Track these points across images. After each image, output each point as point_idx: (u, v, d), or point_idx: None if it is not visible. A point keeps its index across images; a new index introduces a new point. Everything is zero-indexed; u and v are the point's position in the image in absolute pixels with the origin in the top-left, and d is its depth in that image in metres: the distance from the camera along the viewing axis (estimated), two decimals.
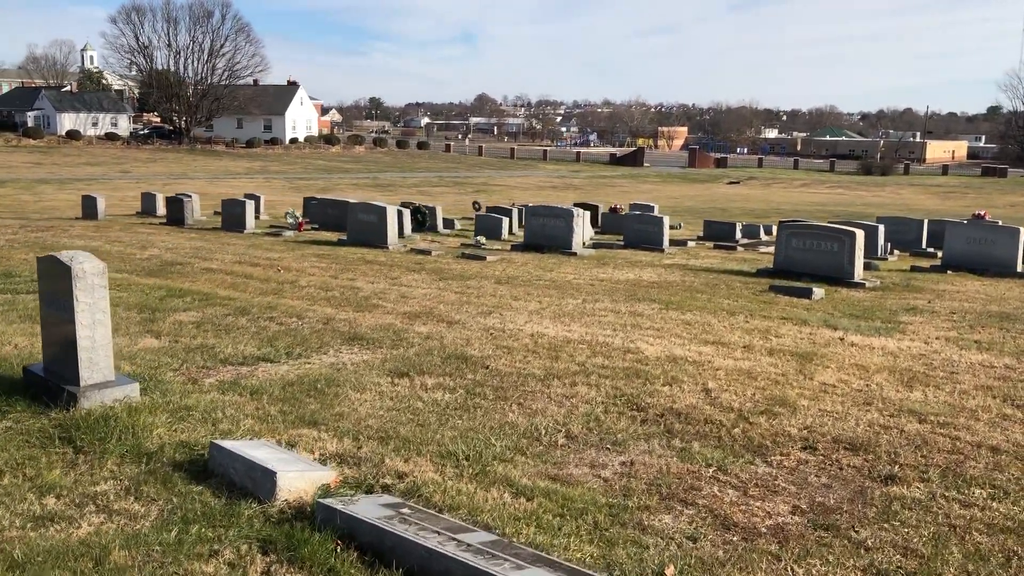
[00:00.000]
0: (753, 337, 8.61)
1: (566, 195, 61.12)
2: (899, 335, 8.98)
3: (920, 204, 55.61)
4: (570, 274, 13.62)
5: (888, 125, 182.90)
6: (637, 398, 6.08)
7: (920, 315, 10.28)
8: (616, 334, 8.57)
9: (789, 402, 6.12)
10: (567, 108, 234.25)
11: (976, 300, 11.78)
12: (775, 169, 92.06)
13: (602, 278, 13.18)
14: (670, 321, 9.45)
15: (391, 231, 17.30)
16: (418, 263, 14.64)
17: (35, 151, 75.89)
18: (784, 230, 14.48)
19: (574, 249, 17.18)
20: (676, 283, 12.82)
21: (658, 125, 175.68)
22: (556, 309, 10.02)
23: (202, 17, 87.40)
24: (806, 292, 11.73)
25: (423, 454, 4.81)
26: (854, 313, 10.25)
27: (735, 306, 10.59)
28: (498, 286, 12.00)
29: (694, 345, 8.13)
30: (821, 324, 9.43)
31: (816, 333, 8.96)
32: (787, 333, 8.90)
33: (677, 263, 16.14)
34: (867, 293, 12.38)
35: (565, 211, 17.48)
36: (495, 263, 14.97)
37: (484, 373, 6.71)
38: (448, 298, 10.75)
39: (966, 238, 15.54)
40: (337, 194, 53.31)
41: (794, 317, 9.82)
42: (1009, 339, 8.88)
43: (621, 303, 10.58)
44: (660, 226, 19.47)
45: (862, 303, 11.18)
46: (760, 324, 9.39)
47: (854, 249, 13.52)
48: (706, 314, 9.94)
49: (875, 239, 18.67)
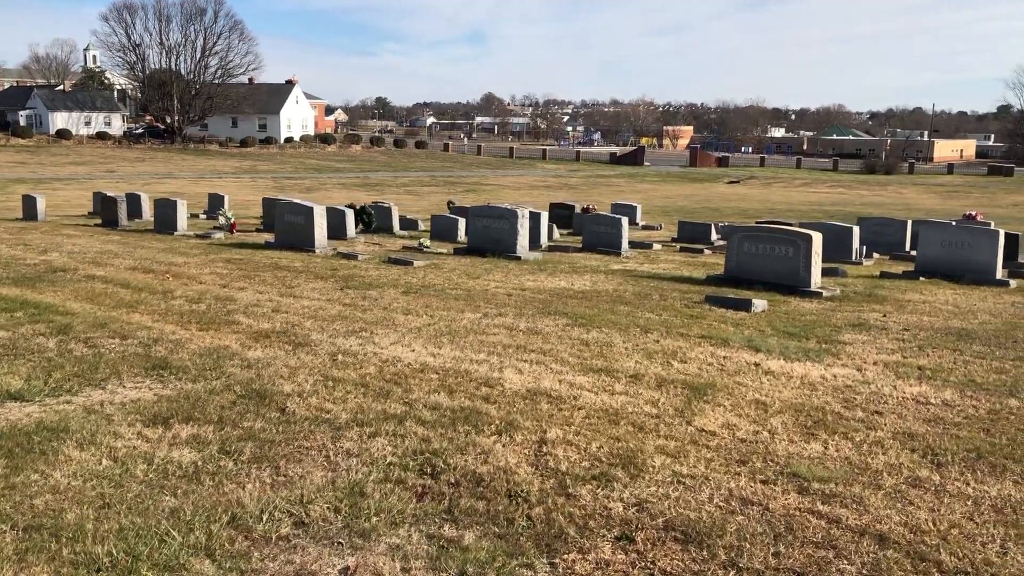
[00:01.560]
0: (652, 363, 7.21)
1: (558, 194, 59.72)
2: (831, 359, 7.56)
3: (921, 203, 54.09)
4: (494, 282, 12.23)
5: (897, 124, 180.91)
6: (440, 456, 4.69)
7: (867, 333, 8.86)
8: (489, 359, 7.18)
9: (639, 461, 4.72)
10: (575, 107, 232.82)
11: (940, 313, 10.35)
12: (777, 168, 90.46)
13: (528, 287, 11.79)
14: (567, 341, 8.05)
15: (319, 233, 15.93)
16: (332, 269, 13.27)
17: (22, 150, 74.90)
18: (735, 233, 13.06)
19: (519, 253, 15.80)
20: (606, 292, 11.42)
21: (663, 124, 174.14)
22: (443, 326, 8.64)
23: (194, 15, 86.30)
24: (744, 304, 10.32)
25: (59, 559, 3.42)
26: (790, 331, 8.83)
27: (655, 321, 9.19)
28: (401, 296, 10.63)
29: (573, 374, 6.73)
30: (743, 345, 8.02)
31: (731, 357, 7.54)
32: (696, 357, 7.50)
33: (627, 268, 14.74)
34: (820, 304, 10.96)
35: (509, 212, 16.09)
36: (419, 269, 13.60)
37: (273, 419, 5.33)
38: (329, 312, 9.38)
39: (941, 242, 14.09)
40: (322, 194, 52.11)
41: (715, 336, 8.41)
42: (960, 364, 7.46)
43: (525, 318, 9.19)
44: (618, 228, 18.09)
45: (806, 317, 9.76)
46: (671, 345, 7.98)
47: (810, 254, 12.11)
48: (615, 332, 8.54)
49: (849, 241, 17.22)
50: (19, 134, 79.60)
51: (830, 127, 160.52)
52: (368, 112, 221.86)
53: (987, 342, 8.47)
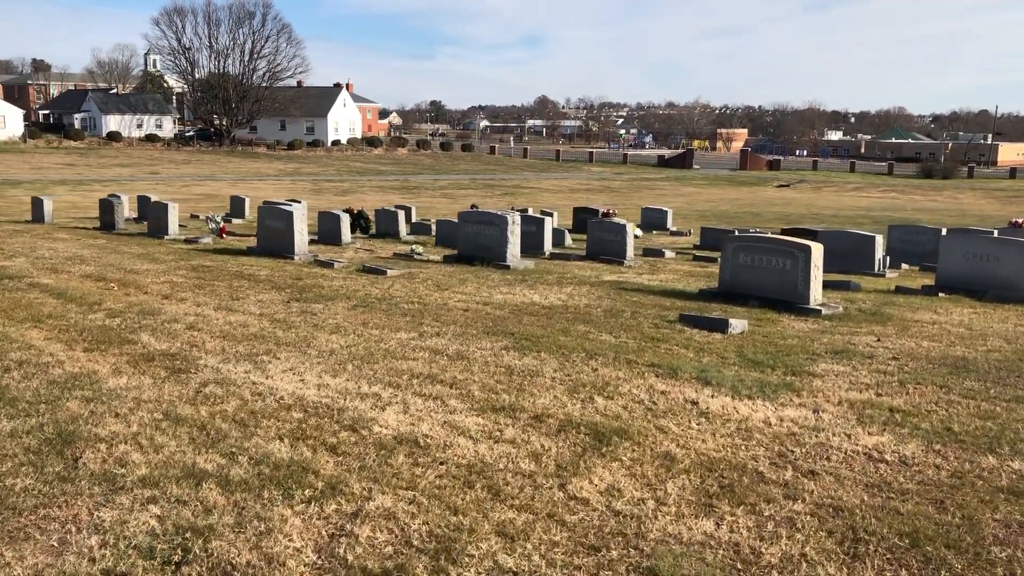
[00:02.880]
0: (571, 399, 6.17)
1: (598, 198, 58.59)
2: (789, 396, 6.44)
3: (977, 209, 51.83)
4: (461, 295, 11.26)
5: (961, 127, 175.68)
6: (205, 537, 3.72)
7: (848, 362, 7.69)
8: (381, 392, 6.22)
9: (459, 547, 3.71)
10: (630, 110, 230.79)
11: (946, 337, 9.10)
12: (830, 172, 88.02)
13: (493, 301, 10.79)
14: (490, 369, 7.04)
15: (298, 239, 15.11)
16: (296, 279, 12.42)
17: (72, 152, 75.98)
18: (730, 244, 11.89)
19: (508, 261, 14.79)
20: (575, 309, 10.36)
21: (718, 127, 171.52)
22: (362, 349, 7.70)
23: (243, 18, 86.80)
24: (720, 325, 9.20)
25: None
26: (757, 359, 7.69)
27: (608, 345, 8.13)
28: (345, 312, 9.73)
29: (466, 414, 5.72)
30: (692, 377, 6.93)
31: (670, 393, 6.46)
32: (629, 392, 6.43)
33: (620, 280, 13.64)
34: (814, 324, 9.79)
35: (498, 218, 15.09)
36: (390, 279, 12.68)
37: (54, 473, 4.43)
38: (248, 330, 8.51)
39: (964, 253, 12.75)
40: (357, 196, 51.64)
41: (666, 365, 7.32)
42: (942, 406, 6.28)
43: (461, 339, 8.21)
44: (623, 236, 16.99)
45: (788, 341, 8.60)
46: (609, 375, 6.92)
47: (808, 267, 10.91)
48: (554, 357, 7.51)
49: (870, 251, 15.88)
50: (71, 136, 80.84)
51: (889, 130, 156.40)
52: (422, 115, 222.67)
53: (985, 376, 7.24)
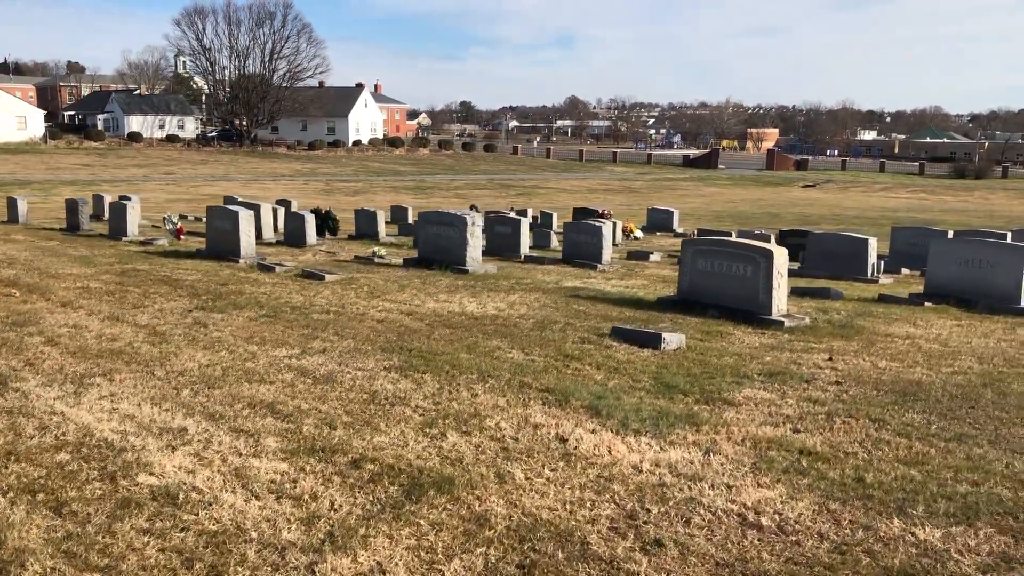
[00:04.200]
0: (422, 434, 5.22)
1: (617, 198, 57.56)
2: (686, 432, 5.42)
3: (1008, 210, 50.10)
4: (390, 303, 10.31)
5: (999, 126, 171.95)
6: None
7: (780, 386, 6.63)
8: (194, 426, 5.28)
9: None
10: (661, 110, 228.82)
11: (911, 356, 7.98)
12: (858, 172, 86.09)
13: (420, 311, 9.84)
14: (352, 394, 6.11)
15: (244, 241, 14.23)
16: (222, 284, 11.54)
17: (92, 153, 76.14)
18: (689, 248, 10.82)
19: (468, 265, 13.81)
20: (506, 319, 9.37)
21: (748, 127, 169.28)
22: (222, 368, 6.79)
23: (263, 18, 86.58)
24: (653, 340, 8.15)
25: None
26: (675, 382, 6.64)
27: (512, 364, 7.16)
28: (242, 323, 8.82)
29: (271, 459, 4.77)
30: (583, 406, 5.92)
31: (545, 426, 5.46)
32: (495, 425, 5.44)
33: (578, 286, 12.61)
34: (769, 339, 8.71)
35: (458, 219, 14.10)
36: (325, 285, 11.76)
37: None
38: (111, 346, 7.65)
39: (956, 259, 11.56)
40: (367, 197, 50.94)
41: (561, 390, 6.32)
42: (865, 447, 5.22)
43: (348, 358, 7.31)
44: (599, 238, 15.94)
45: (723, 360, 7.55)
46: (487, 402, 5.93)
47: (771, 274, 9.82)
48: (437, 381, 6.57)
49: (864, 255, 14.69)
50: (92, 137, 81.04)
51: (924, 129, 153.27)
52: (452, 116, 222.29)
53: (934, 407, 6.14)
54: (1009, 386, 6.78)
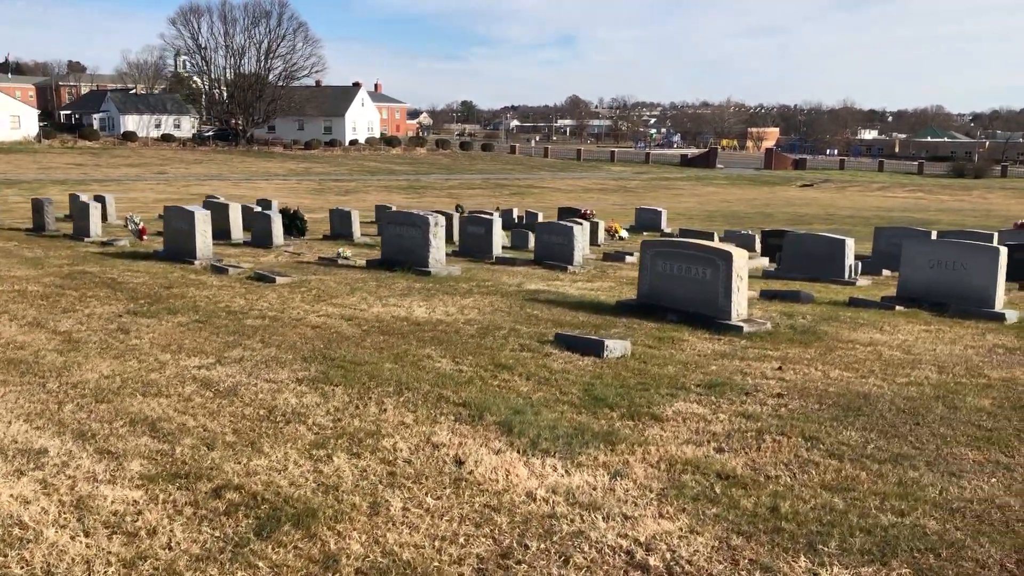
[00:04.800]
0: (307, 456, 4.80)
1: (612, 198, 57.11)
2: (598, 452, 5.00)
3: (1005, 210, 49.56)
4: (330, 308, 9.90)
5: (1001, 126, 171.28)
6: None
7: (716, 400, 6.19)
8: (56, 445, 4.87)
9: None
10: (663, 110, 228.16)
11: (868, 365, 7.53)
12: (856, 172, 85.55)
13: (362, 316, 9.42)
14: (248, 409, 5.68)
15: (200, 241, 13.80)
16: (167, 287, 11.11)
17: (85, 152, 75.79)
18: (648, 249, 10.37)
19: (430, 267, 13.38)
20: (449, 326, 8.94)
21: (749, 126, 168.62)
22: (122, 379, 6.42)
23: (259, 17, 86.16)
24: (596, 347, 7.73)
25: None
26: (604, 395, 6.20)
27: (440, 375, 6.74)
28: (172, 329, 8.38)
29: (125, 486, 4.37)
30: (496, 422, 5.50)
31: (446, 446, 5.04)
32: (391, 446, 5.03)
33: (540, 289, 12.17)
34: (724, 345, 8.29)
35: (420, 219, 13.66)
36: (274, 288, 11.34)
37: None
38: (23, 352, 7.24)
39: (928, 261, 11.10)
40: (358, 196, 50.48)
41: (478, 404, 5.91)
42: (791, 469, 4.80)
43: (262, 368, 6.87)
44: (570, 239, 15.50)
45: (664, 370, 7.11)
46: (393, 419, 5.52)
47: (730, 277, 9.39)
48: (353, 393, 6.17)
49: (841, 256, 14.23)
50: (86, 136, 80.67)
51: (925, 129, 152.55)
52: (453, 116, 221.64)
53: (877, 422, 5.69)
54: (963, 399, 6.33)
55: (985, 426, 5.65)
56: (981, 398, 6.38)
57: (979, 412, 6.00)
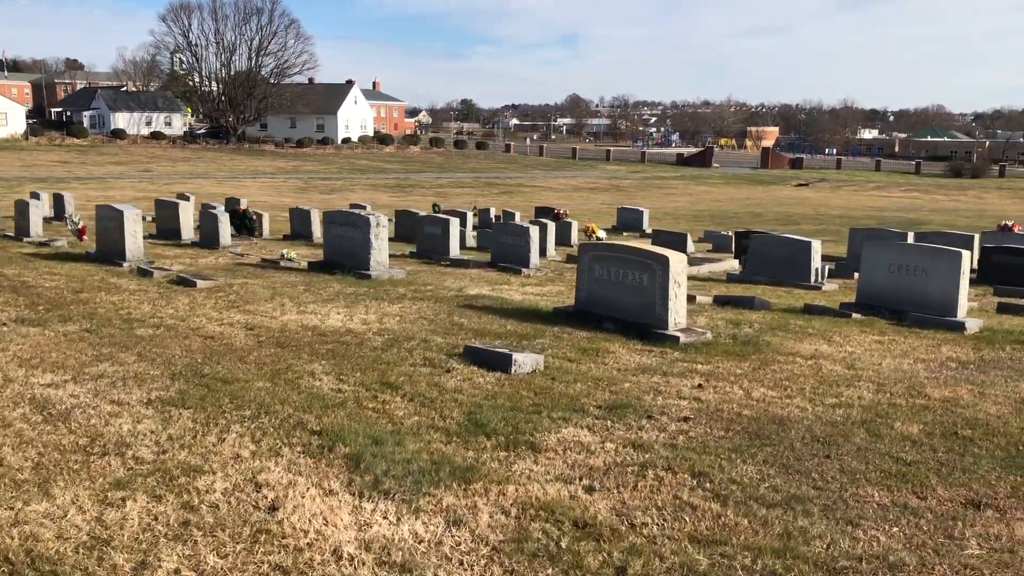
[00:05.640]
0: (97, 500, 4.11)
1: (601, 197, 56.40)
2: (451, 492, 4.34)
3: (1000, 210, 48.81)
4: (240, 315, 9.22)
5: (1003, 125, 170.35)
6: None
7: (610, 426, 5.52)
8: None
9: None
10: (664, 108, 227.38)
11: (800, 382, 6.84)
12: (853, 171, 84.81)
13: (268, 325, 8.74)
14: (73, 436, 4.97)
15: (130, 242, 13.14)
16: (77, 291, 10.44)
17: (73, 150, 75.13)
18: (585, 253, 9.67)
19: (371, 270, 12.71)
20: (357, 336, 8.26)
21: (749, 125, 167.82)
22: None
23: (250, 14, 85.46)
24: (503, 362, 7.06)
25: None
26: (488, 420, 5.52)
27: (312, 396, 6.07)
28: (51, 338, 7.70)
29: None
30: (345, 455, 4.83)
31: (271, 483, 4.38)
32: (207, 485, 4.34)
33: (482, 294, 11.49)
34: (653, 358, 7.62)
35: (361, 220, 12.97)
36: (192, 292, 10.64)
37: None
38: None
39: (889, 265, 10.40)
40: (343, 195, 49.71)
41: (335, 432, 5.23)
42: (663, 516, 4.12)
43: (118, 386, 6.22)
44: (527, 241, 14.80)
45: (570, 388, 6.42)
46: (229, 452, 4.83)
47: (667, 283, 8.70)
48: (201, 418, 5.50)
49: (806, 260, 13.52)
50: (74, 134, 79.96)
51: (925, 128, 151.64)
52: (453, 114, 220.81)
53: (782, 455, 5.00)
54: (891, 425, 5.64)
55: (905, 459, 4.96)
56: (911, 424, 5.68)
57: (904, 441, 5.30)
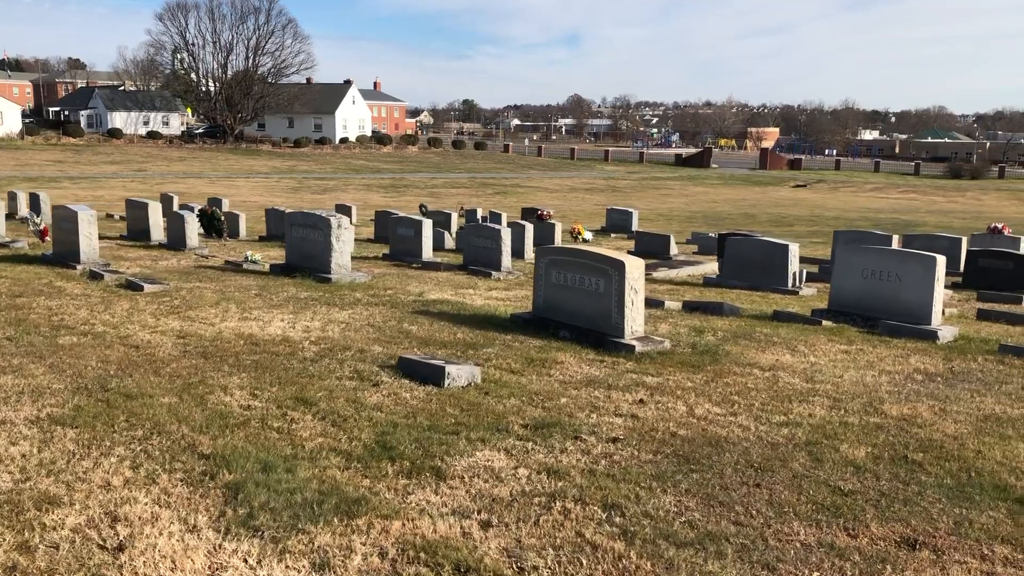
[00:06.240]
0: None
1: (596, 197, 55.97)
2: (320, 534, 3.88)
3: (998, 212, 48.39)
4: (176, 323, 8.78)
5: (1004, 126, 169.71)
6: None
7: (531, 448, 5.09)
8: None
9: None
10: (666, 109, 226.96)
11: (748, 398, 6.41)
12: (851, 172, 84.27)
13: (202, 333, 8.31)
14: None
15: (84, 244, 12.71)
16: (17, 295, 10.00)
17: (68, 149, 74.76)
18: (542, 257, 9.23)
19: (332, 273, 12.28)
20: (295, 346, 7.82)
21: (750, 126, 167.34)
22: None
23: (246, 13, 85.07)
24: (436, 375, 6.63)
25: None
26: (397, 442, 5.12)
27: (214, 415, 5.67)
28: None
29: None
30: (228, 485, 4.39)
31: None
32: (58, 519, 3.85)
33: (443, 299, 11.06)
34: (603, 370, 7.21)
35: (322, 221, 12.53)
36: (137, 296, 10.22)
37: None
38: None
39: (863, 270, 9.94)
40: (335, 195, 49.28)
41: (222, 457, 4.78)
42: (560, 556, 3.72)
43: (6, 403, 5.68)
44: (498, 243, 14.36)
45: (500, 404, 6.01)
46: (100, 479, 4.40)
47: (623, 289, 8.27)
48: (83, 439, 5.07)
49: (783, 263, 13.07)
50: (70, 133, 79.61)
51: (926, 130, 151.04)
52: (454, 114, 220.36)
53: (709, 483, 4.58)
54: (836, 447, 5.20)
55: (843, 488, 4.52)
56: (858, 446, 5.24)
57: (846, 467, 4.86)
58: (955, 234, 19.88)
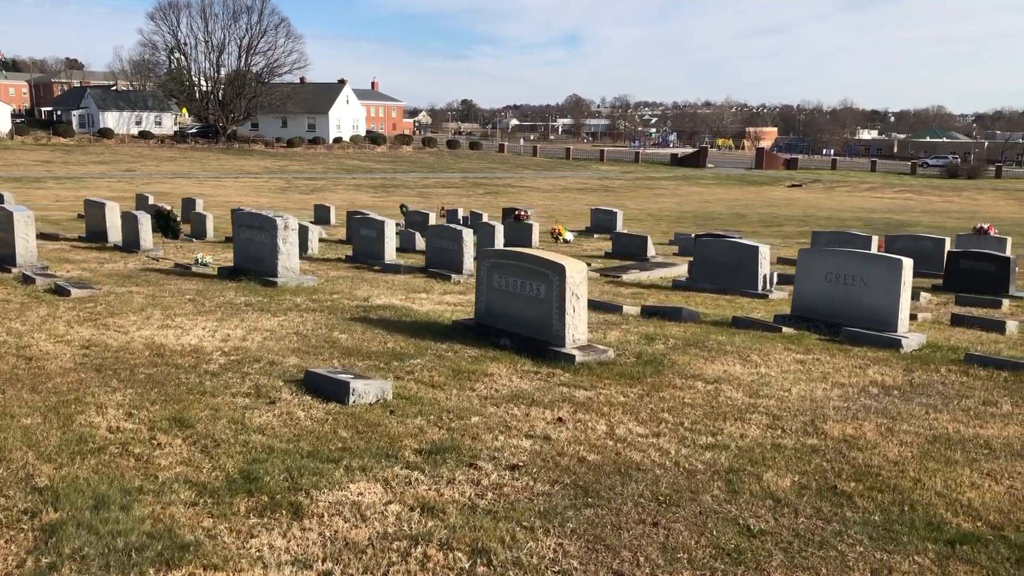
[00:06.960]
0: None
1: (588, 198, 55.38)
2: None
3: (993, 212, 47.83)
4: (73, 333, 8.25)
5: (1003, 126, 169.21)
6: None
7: (415, 477, 4.56)
8: None
9: None
10: (665, 109, 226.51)
11: (679, 415, 5.86)
12: (848, 172, 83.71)
13: (105, 344, 7.77)
14: None
15: (21, 246, 12.16)
16: None
17: (58, 149, 74.25)
18: (484, 261, 8.67)
19: (279, 276, 11.73)
20: (202, 358, 7.28)
21: (749, 126, 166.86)
22: None
23: (239, 12, 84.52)
24: (340, 391, 6.07)
25: None
26: (263, 473, 4.57)
27: (56, 442, 5.03)
28: None
29: None
30: (49, 525, 3.90)
31: None
32: None
33: (387, 304, 10.50)
34: (534, 382, 6.67)
35: (268, 222, 11.97)
36: (61, 301, 9.66)
37: None
38: None
39: (826, 274, 9.37)
40: (324, 195, 48.72)
41: (61, 491, 4.29)
42: None
43: None
44: (460, 244, 13.79)
45: (405, 423, 5.47)
46: None
47: (564, 295, 7.72)
48: None
49: (753, 266, 12.51)
50: (60, 133, 79.05)
51: (925, 129, 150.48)
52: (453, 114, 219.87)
53: (600, 522, 4.05)
54: (760, 475, 4.63)
55: (753, 528, 3.95)
56: (785, 474, 4.67)
57: (765, 500, 4.30)
58: (948, 234, 19.33)
